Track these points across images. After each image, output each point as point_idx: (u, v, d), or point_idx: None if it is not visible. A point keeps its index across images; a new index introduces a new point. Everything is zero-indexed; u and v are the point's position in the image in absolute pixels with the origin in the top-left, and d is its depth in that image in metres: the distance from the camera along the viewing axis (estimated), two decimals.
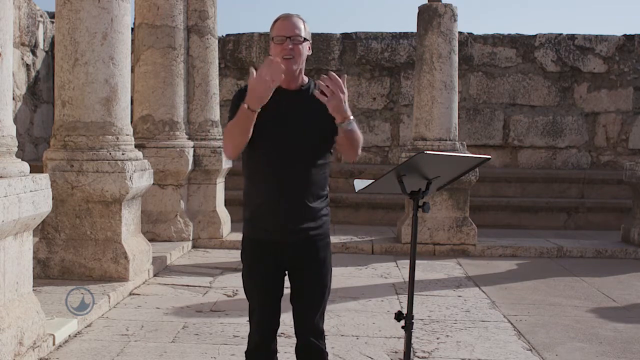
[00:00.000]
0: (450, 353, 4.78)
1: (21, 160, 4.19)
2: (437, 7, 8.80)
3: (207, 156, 9.00)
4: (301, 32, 3.06)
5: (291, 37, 3.03)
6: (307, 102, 3.07)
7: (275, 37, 3.05)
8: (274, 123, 3.03)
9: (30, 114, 11.84)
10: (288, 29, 3.04)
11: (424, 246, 8.66)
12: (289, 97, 3.07)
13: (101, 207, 6.18)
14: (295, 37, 3.04)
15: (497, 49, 12.64)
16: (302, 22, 3.09)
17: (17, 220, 3.96)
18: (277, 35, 3.05)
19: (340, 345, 4.84)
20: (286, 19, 3.08)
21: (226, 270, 7.36)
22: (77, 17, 6.07)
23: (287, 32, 3.04)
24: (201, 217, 8.99)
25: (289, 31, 3.04)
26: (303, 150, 3.05)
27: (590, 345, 5.06)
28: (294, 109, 3.07)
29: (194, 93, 9.12)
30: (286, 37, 3.03)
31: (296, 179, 3.05)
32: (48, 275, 6.17)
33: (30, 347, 4.22)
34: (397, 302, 6.14)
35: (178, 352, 4.66)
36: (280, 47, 3.03)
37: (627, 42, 12.58)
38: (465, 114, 12.46)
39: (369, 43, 12.61)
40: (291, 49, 3.03)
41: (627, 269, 8.05)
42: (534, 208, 11.42)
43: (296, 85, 3.11)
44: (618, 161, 12.40)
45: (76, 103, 6.15)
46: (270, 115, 3.00)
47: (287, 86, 3.07)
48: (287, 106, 3.06)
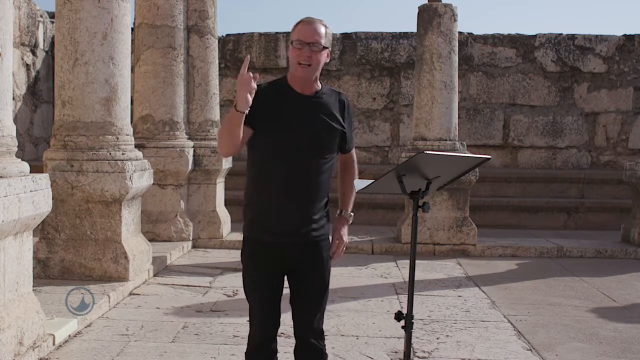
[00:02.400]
0: (450, 353, 4.78)
1: (21, 160, 4.19)
2: (437, 7, 8.80)
3: (207, 156, 9.00)
4: (321, 40, 3.01)
5: (310, 43, 2.99)
6: (319, 107, 3.06)
7: (295, 41, 3.01)
8: (284, 126, 3.02)
9: (30, 114, 11.84)
10: (308, 34, 3.00)
11: (424, 246, 8.66)
12: (302, 101, 3.07)
13: (101, 207, 6.18)
14: (315, 45, 3.00)
15: (497, 49, 12.64)
16: (325, 28, 3.04)
17: (17, 220, 3.96)
18: (296, 39, 3.00)
19: (340, 345, 4.84)
20: (309, 23, 3.02)
21: (226, 270, 7.36)
22: (77, 17, 6.07)
23: (307, 37, 2.99)
24: (201, 217, 8.99)
25: (309, 37, 2.99)
26: (311, 155, 3.04)
27: (590, 345, 5.06)
28: (305, 114, 3.06)
29: (194, 93, 9.12)
30: (306, 43, 2.99)
31: (302, 182, 3.05)
32: (48, 275, 6.17)
33: (30, 347, 4.22)
34: (397, 302, 6.14)
35: (178, 352, 4.66)
36: (298, 51, 3.00)
37: (627, 42, 12.58)
38: (465, 114, 12.46)
39: (369, 43, 12.61)
40: (309, 57, 2.99)
41: (627, 269, 8.05)
42: (534, 208, 11.42)
43: (310, 91, 3.09)
44: (618, 161, 12.40)
45: (76, 103, 6.15)
46: (281, 118, 3.01)
47: (302, 91, 3.07)
48: (299, 111, 3.05)
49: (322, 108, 3.07)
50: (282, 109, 3.02)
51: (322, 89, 3.13)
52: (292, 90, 3.06)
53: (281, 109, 3.02)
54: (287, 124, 3.03)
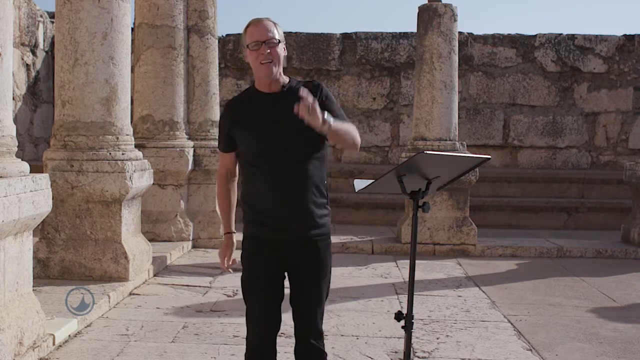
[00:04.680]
0: (450, 353, 4.78)
1: (21, 160, 4.19)
2: (437, 7, 8.81)
3: (207, 156, 9.00)
4: (275, 35, 3.08)
5: (266, 41, 3.05)
6: (290, 101, 2.98)
7: (251, 44, 3.07)
8: (263, 128, 3.07)
9: (30, 114, 11.84)
10: (262, 33, 3.06)
11: (424, 246, 8.66)
12: (272, 100, 3.12)
13: (101, 207, 6.18)
14: (270, 41, 3.06)
15: (497, 49, 12.64)
16: (274, 25, 3.11)
17: (17, 220, 3.96)
18: (251, 41, 3.07)
19: (340, 345, 4.84)
20: (258, 24, 3.09)
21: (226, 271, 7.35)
22: (77, 17, 6.07)
23: (261, 36, 3.06)
24: (201, 217, 8.99)
25: (263, 35, 3.06)
26: (296, 149, 3.06)
27: (590, 345, 5.06)
28: (279, 110, 3.07)
29: (194, 93, 9.12)
30: (261, 42, 3.05)
31: (293, 176, 3.06)
32: (48, 275, 6.17)
33: (30, 347, 4.22)
34: (397, 302, 6.14)
35: (178, 352, 4.66)
36: (256, 52, 3.06)
37: (627, 42, 12.58)
38: (465, 114, 12.46)
39: (369, 43, 12.60)
40: (269, 53, 3.05)
41: (627, 269, 8.04)
42: (534, 208, 11.42)
43: (277, 87, 3.14)
44: (618, 161, 12.40)
45: (76, 103, 6.15)
46: (258, 120, 3.07)
47: (269, 89, 3.13)
48: (271, 109, 3.09)
49: (293, 100, 2.95)
50: (254, 113, 3.09)
51: (290, 82, 3.17)
52: (260, 93, 3.13)
53: (254, 114, 3.09)
54: (263, 125, 3.07)
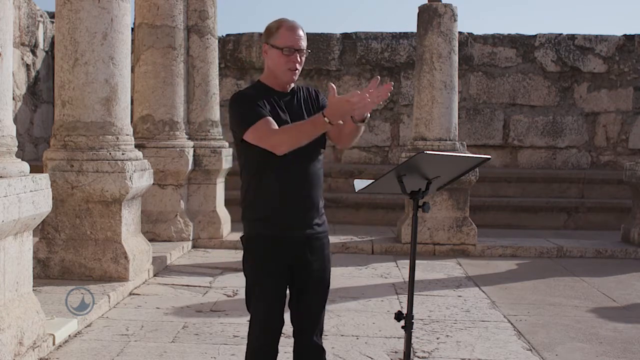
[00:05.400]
0: (450, 353, 4.78)
1: (21, 160, 4.19)
2: (437, 7, 8.81)
3: (207, 156, 9.00)
4: (306, 45, 3.12)
5: (300, 50, 3.08)
6: (299, 101, 3.17)
7: (285, 49, 3.06)
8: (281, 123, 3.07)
9: (30, 114, 11.84)
10: (298, 42, 3.08)
11: (424, 246, 8.66)
12: (288, 98, 3.16)
13: (101, 207, 6.18)
14: (304, 51, 3.10)
15: (497, 49, 12.64)
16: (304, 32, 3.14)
17: (17, 220, 3.96)
18: (286, 46, 3.06)
19: (340, 345, 4.84)
20: (294, 30, 3.08)
21: (226, 270, 7.36)
22: (77, 17, 6.07)
23: (296, 44, 3.07)
24: (201, 217, 8.99)
25: (298, 44, 3.08)
26: (310, 147, 3.07)
27: (590, 345, 5.06)
28: (292, 109, 3.14)
29: (194, 93, 9.12)
30: (295, 50, 3.07)
31: (304, 173, 3.10)
32: (48, 275, 6.17)
33: (30, 347, 4.22)
34: (397, 302, 6.14)
35: (178, 352, 4.66)
36: (287, 58, 3.07)
37: (627, 42, 12.58)
38: (465, 114, 12.46)
39: (369, 43, 12.61)
40: (299, 63, 3.10)
41: (627, 269, 8.04)
42: (534, 208, 11.41)
43: (289, 88, 3.19)
44: (618, 161, 12.40)
45: (76, 103, 6.15)
46: (276, 116, 3.07)
47: (283, 89, 3.17)
48: (287, 107, 3.14)
49: (301, 101, 3.18)
50: (274, 109, 3.10)
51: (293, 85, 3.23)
52: (274, 91, 3.15)
53: (274, 109, 3.10)
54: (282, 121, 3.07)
